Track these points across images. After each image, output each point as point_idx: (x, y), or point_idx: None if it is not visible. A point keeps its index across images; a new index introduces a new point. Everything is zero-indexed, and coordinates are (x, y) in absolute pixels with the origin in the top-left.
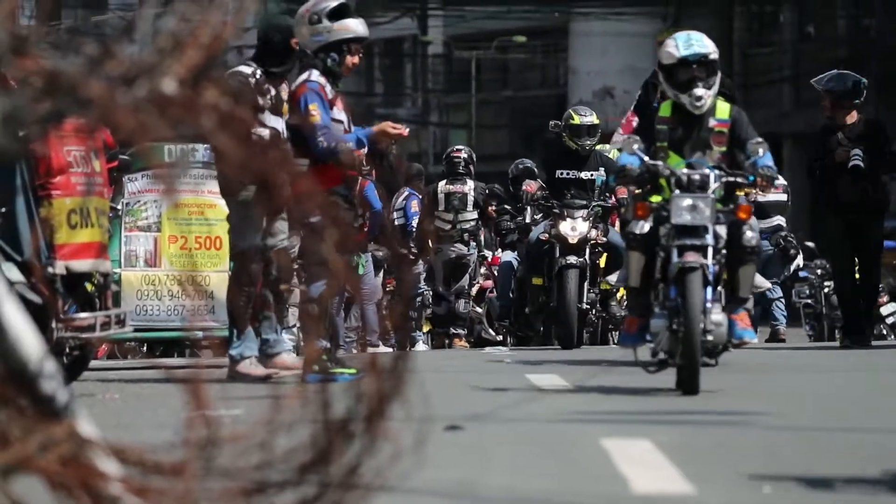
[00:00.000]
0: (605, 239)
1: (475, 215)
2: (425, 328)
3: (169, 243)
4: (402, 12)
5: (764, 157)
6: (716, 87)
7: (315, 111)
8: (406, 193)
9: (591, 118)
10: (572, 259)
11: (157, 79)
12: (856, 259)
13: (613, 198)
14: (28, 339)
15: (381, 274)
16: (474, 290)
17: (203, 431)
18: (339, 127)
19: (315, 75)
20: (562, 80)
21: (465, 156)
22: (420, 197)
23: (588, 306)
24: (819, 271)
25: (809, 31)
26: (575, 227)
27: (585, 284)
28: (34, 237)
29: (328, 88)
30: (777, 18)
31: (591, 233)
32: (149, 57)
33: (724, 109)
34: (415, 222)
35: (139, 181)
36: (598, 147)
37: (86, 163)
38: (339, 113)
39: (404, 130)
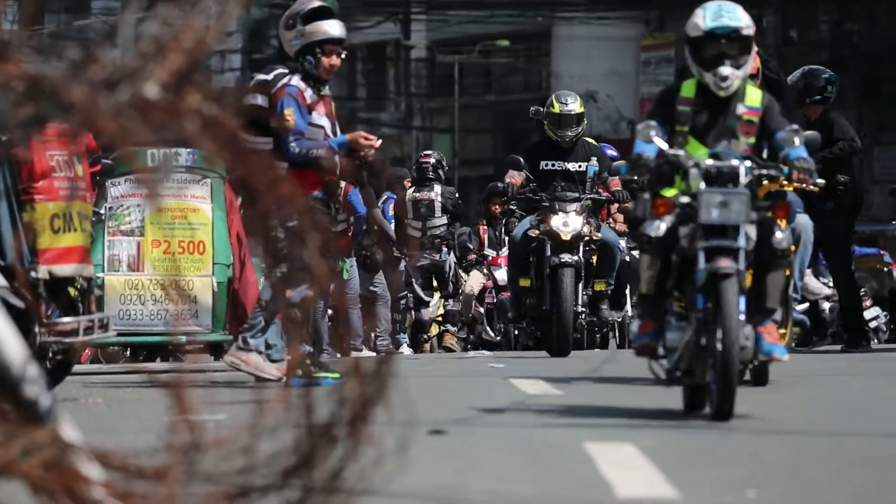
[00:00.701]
0: (599, 235)
1: (444, 221)
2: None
3: (152, 247)
4: (384, 17)
5: (799, 147)
6: (747, 68)
7: (290, 116)
8: (385, 197)
9: (574, 106)
10: (566, 257)
11: (139, 83)
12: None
13: (605, 191)
14: (11, 344)
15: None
16: (480, 290)
17: (186, 436)
18: (318, 132)
19: (295, 80)
20: (545, 84)
21: (434, 161)
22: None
23: (583, 309)
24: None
25: (792, 36)
26: (567, 223)
27: (580, 285)
28: (17, 242)
29: (308, 93)
30: (760, 22)
31: (583, 228)
32: (131, 61)
33: (755, 96)
34: (391, 225)
35: (122, 185)
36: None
37: (69, 167)
38: (320, 118)
39: (375, 142)
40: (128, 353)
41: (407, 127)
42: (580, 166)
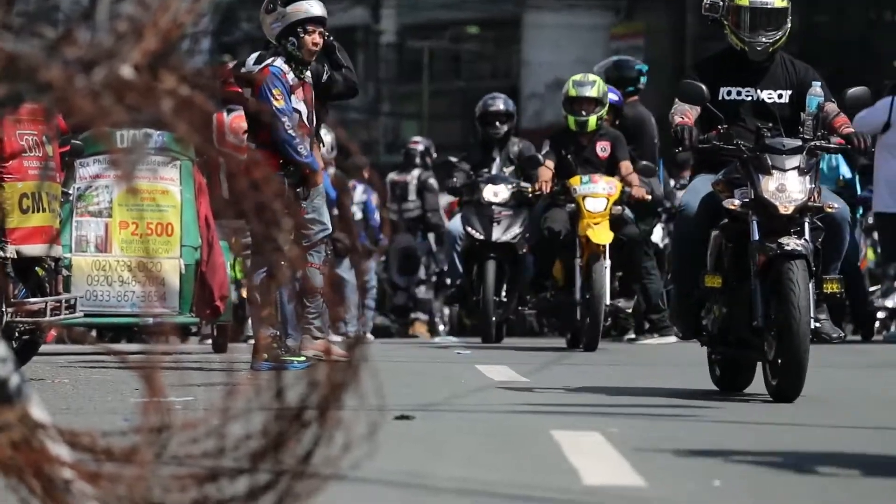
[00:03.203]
0: (836, 206)
1: (418, 204)
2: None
3: (120, 229)
4: (354, 1)
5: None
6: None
7: (279, 95)
8: (363, 188)
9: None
10: (792, 243)
11: (115, 64)
12: None
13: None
14: None
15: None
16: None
17: (156, 418)
18: (294, 117)
19: (278, 62)
20: (514, 71)
21: (422, 147)
22: (373, 192)
23: (817, 324)
24: None
25: None
26: (785, 187)
27: (811, 286)
28: None
29: (290, 76)
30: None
31: (810, 196)
32: (107, 42)
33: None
34: (377, 216)
35: (91, 166)
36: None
37: (39, 147)
38: (298, 103)
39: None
40: (94, 333)
41: (376, 112)
42: (781, 96)
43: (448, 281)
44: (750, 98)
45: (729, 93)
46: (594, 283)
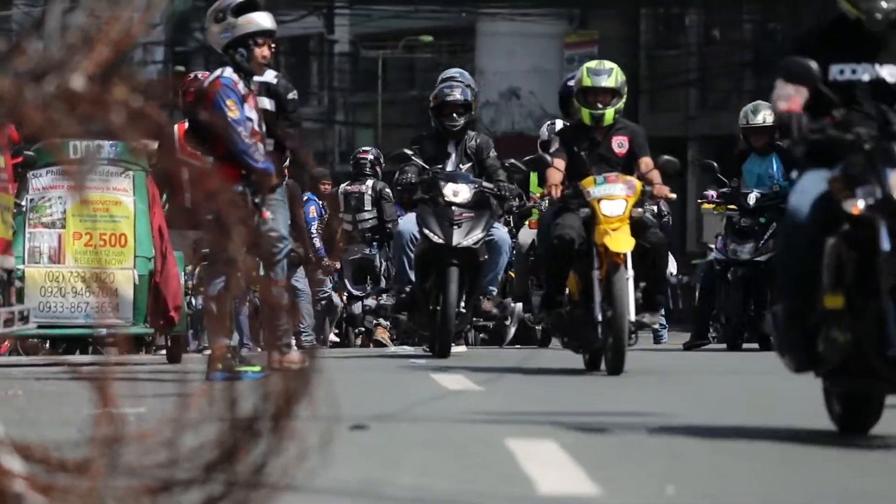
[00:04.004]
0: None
1: (374, 214)
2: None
3: (73, 240)
4: (308, 10)
5: None
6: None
7: (233, 106)
8: (305, 198)
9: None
10: None
11: (66, 74)
12: None
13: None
14: None
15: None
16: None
17: (108, 429)
18: (249, 126)
19: (228, 72)
20: None
21: (372, 157)
22: (319, 203)
23: None
24: None
25: (715, 35)
26: None
27: None
28: None
29: (241, 85)
30: (683, 21)
31: None
32: (58, 53)
33: None
34: (314, 227)
35: (44, 177)
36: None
37: None
38: (250, 111)
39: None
40: (47, 345)
41: (330, 121)
42: None
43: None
44: (868, 76)
45: (842, 71)
46: (615, 298)
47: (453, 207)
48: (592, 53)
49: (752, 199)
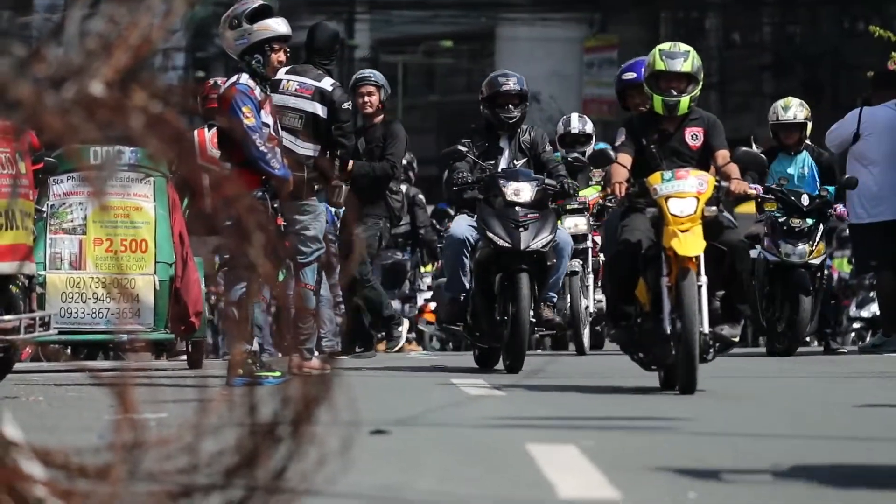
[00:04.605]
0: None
1: (407, 220)
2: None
3: (94, 246)
4: (328, 16)
5: None
6: None
7: (249, 113)
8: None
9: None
10: None
11: (85, 81)
12: None
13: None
14: None
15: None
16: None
17: (129, 435)
18: (266, 132)
19: (244, 78)
20: None
21: (405, 163)
22: (331, 211)
23: None
24: None
25: (734, 38)
26: None
27: None
28: None
29: (257, 91)
30: (702, 25)
31: None
32: (77, 59)
33: None
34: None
35: (64, 183)
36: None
37: (11, 165)
38: (267, 116)
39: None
40: (69, 351)
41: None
42: None
43: (425, 296)
44: None
45: None
46: (684, 307)
47: (516, 208)
48: (612, 58)
49: (805, 199)
